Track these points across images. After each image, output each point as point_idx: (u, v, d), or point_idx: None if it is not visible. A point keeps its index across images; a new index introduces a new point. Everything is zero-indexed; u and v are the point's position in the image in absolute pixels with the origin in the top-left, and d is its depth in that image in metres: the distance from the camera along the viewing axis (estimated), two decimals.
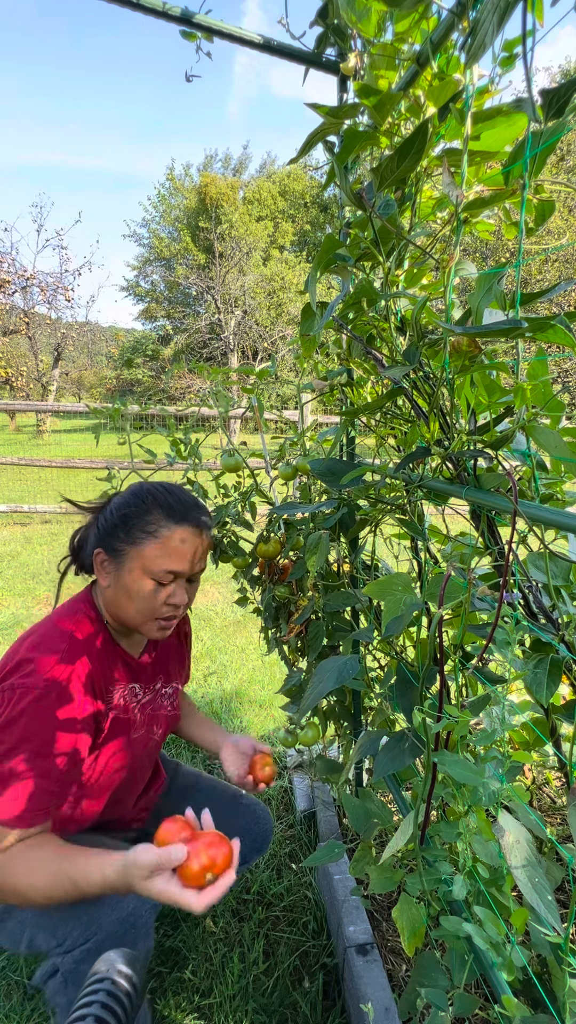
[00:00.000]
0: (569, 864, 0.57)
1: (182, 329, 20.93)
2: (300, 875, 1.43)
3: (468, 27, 0.66)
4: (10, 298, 15.16)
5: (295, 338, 1.06)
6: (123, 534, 0.94)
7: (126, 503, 0.96)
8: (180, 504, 0.97)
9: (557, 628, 0.74)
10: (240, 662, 2.71)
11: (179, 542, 0.94)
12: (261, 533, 1.28)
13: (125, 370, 21.65)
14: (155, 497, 0.96)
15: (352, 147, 0.78)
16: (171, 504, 0.96)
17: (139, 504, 0.95)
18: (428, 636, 0.71)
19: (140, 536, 0.93)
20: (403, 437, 0.88)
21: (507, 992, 0.62)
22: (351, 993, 1.06)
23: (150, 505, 0.95)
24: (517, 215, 0.70)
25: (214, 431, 1.41)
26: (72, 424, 17.76)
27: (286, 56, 1.01)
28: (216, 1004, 1.12)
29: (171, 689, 1.14)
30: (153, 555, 0.93)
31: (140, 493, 0.97)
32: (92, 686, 0.93)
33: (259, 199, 22.76)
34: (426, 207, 0.95)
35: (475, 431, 0.76)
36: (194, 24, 0.98)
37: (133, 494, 0.98)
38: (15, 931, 0.91)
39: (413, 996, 0.66)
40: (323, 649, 1.16)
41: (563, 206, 10.64)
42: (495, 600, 0.72)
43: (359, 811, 0.88)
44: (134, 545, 0.93)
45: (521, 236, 0.65)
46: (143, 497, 0.96)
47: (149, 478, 1.32)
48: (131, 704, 1.02)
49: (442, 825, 0.65)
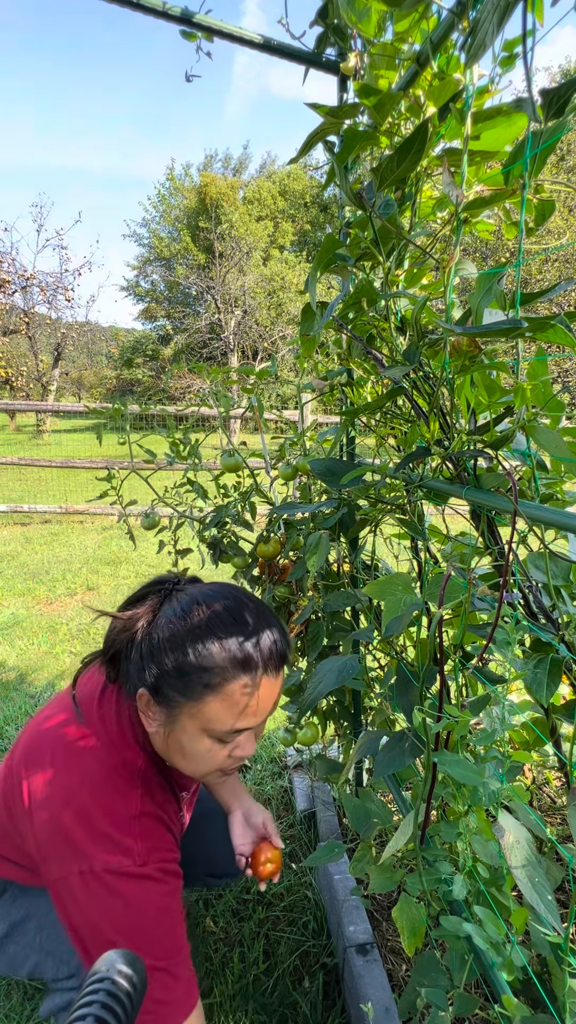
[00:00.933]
0: (569, 864, 0.57)
1: (182, 329, 20.93)
2: (300, 875, 1.43)
3: (468, 27, 0.66)
4: (10, 298, 15.17)
5: (295, 338, 1.06)
6: (176, 681, 0.72)
7: (180, 644, 0.73)
8: (255, 645, 0.74)
9: (557, 628, 0.74)
10: None
11: (251, 695, 0.73)
12: (261, 533, 1.28)
13: (125, 370, 21.65)
14: (218, 636, 0.73)
15: (352, 147, 0.78)
16: (243, 646, 0.73)
17: (198, 648, 0.72)
18: (428, 636, 0.71)
19: (199, 690, 0.71)
20: (403, 437, 0.88)
21: (507, 992, 0.62)
22: (351, 993, 1.06)
23: (215, 639, 0.73)
24: (517, 215, 0.70)
25: (214, 431, 1.41)
26: (72, 424, 17.76)
27: (286, 56, 1.01)
28: (216, 1004, 1.12)
29: (188, 793, 1.02)
30: (216, 714, 0.72)
31: (200, 630, 0.73)
32: (170, 829, 0.81)
33: (259, 199, 22.75)
34: (426, 207, 0.95)
35: (475, 431, 0.76)
36: (194, 24, 0.98)
37: (209, 631, 0.73)
38: (17, 956, 0.87)
39: (413, 996, 0.66)
40: (323, 649, 1.16)
41: (563, 206, 10.64)
42: (495, 600, 0.72)
43: (359, 811, 0.88)
44: (190, 700, 0.72)
45: (521, 236, 0.65)
46: (203, 638, 0.73)
47: (149, 478, 1.33)
48: (186, 815, 0.95)
49: (442, 825, 0.65)
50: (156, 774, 0.81)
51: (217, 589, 0.80)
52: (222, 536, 1.34)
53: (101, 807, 0.73)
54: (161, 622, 0.76)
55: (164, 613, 0.77)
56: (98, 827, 0.72)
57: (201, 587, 0.82)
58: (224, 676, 0.71)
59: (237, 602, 0.77)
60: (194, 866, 1.13)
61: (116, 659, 0.82)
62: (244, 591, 0.82)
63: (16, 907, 0.89)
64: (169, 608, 0.78)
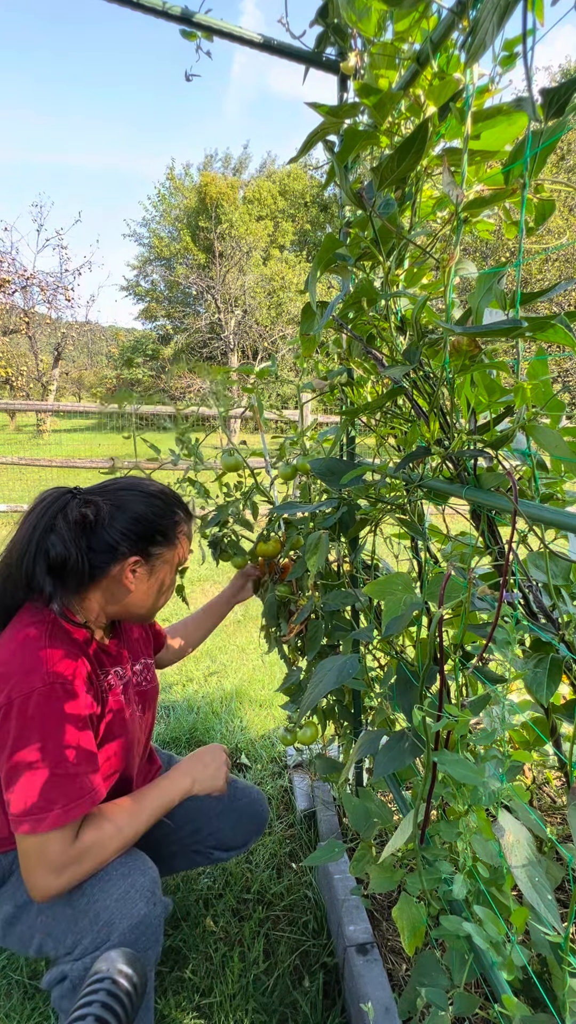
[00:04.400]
0: (569, 863, 0.57)
1: (182, 329, 20.94)
2: (300, 875, 1.43)
3: (468, 26, 0.66)
4: (10, 298, 15.17)
5: (295, 338, 1.07)
6: (161, 537, 0.98)
7: (156, 508, 0.98)
8: (176, 495, 1.05)
9: (557, 628, 0.74)
10: (240, 661, 2.71)
11: (190, 527, 1.05)
12: (261, 532, 1.28)
13: (125, 370, 21.64)
14: (167, 493, 1.03)
15: (352, 146, 0.78)
16: (177, 497, 1.04)
17: (166, 503, 1.00)
18: (428, 636, 0.71)
19: (175, 536, 1.01)
20: (403, 437, 0.88)
21: (507, 991, 0.62)
22: (351, 992, 1.06)
23: (172, 503, 1.01)
24: (517, 214, 0.70)
25: (214, 431, 1.41)
26: (72, 424, 17.75)
27: (286, 55, 1.01)
28: (216, 1003, 1.12)
29: (141, 666, 1.15)
30: (184, 550, 1.03)
31: (156, 493, 1.00)
32: (91, 681, 0.93)
33: (259, 198, 22.75)
34: (426, 206, 0.95)
35: (475, 431, 0.76)
36: (194, 23, 0.98)
37: (153, 495, 0.99)
38: (24, 935, 0.90)
39: (413, 995, 0.66)
40: (323, 648, 1.16)
41: (563, 205, 10.64)
42: (495, 600, 0.72)
43: (359, 810, 0.88)
44: (171, 546, 1.00)
45: (521, 235, 0.65)
46: (161, 496, 1.01)
47: (150, 475, 1.33)
48: (118, 689, 1.03)
49: (442, 824, 0.65)
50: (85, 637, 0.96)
51: (147, 482, 1.03)
52: (223, 535, 1.34)
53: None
54: (108, 517, 0.94)
55: (104, 512, 0.94)
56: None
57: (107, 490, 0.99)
58: (181, 520, 1.02)
59: (137, 480, 1.04)
60: (201, 841, 1.18)
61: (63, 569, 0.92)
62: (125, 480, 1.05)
63: (21, 889, 0.91)
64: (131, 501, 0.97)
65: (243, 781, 1.27)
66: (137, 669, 1.13)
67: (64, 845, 0.81)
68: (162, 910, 0.88)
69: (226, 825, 1.19)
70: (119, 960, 0.74)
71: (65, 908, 0.86)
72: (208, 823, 1.18)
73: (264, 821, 1.24)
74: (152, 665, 1.20)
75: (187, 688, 2.43)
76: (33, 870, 0.81)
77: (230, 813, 1.19)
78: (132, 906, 0.84)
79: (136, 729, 1.08)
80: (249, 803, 1.22)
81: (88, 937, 0.83)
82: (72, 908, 0.85)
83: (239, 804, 1.20)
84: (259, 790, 1.27)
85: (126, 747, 1.02)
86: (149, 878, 0.87)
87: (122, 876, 0.86)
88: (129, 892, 0.84)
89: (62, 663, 0.87)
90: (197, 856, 1.20)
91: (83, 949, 0.83)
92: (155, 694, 1.19)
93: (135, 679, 1.11)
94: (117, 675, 1.03)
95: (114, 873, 0.86)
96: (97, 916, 0.83)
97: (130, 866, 0.87)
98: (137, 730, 1.09)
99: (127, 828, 0.89)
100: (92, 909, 0.84)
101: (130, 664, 1.10)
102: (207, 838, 1.18)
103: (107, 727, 0.97)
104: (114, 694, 1.00)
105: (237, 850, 1.22)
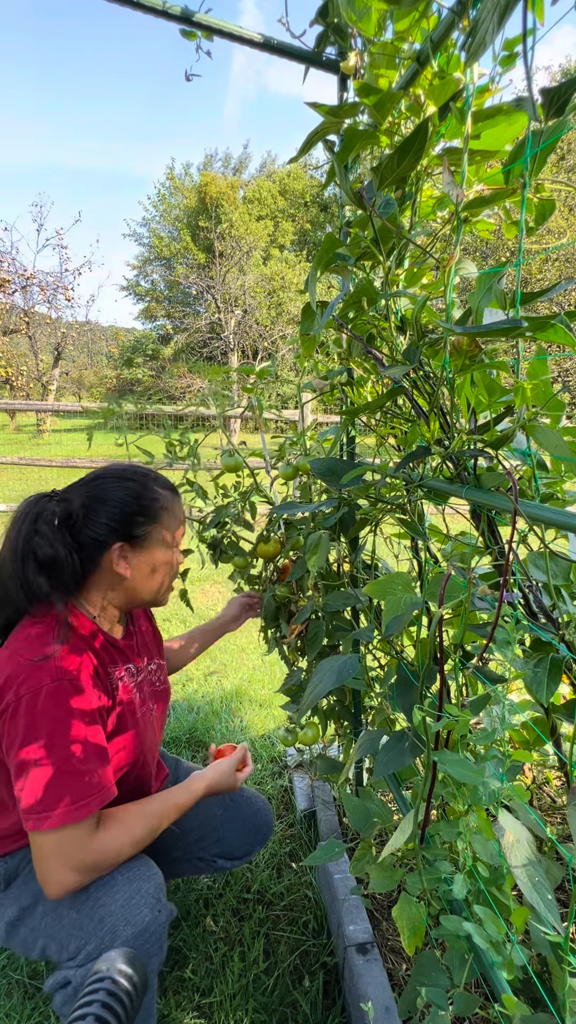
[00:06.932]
0: (569, 863, 0.57)
1: (182, 328, 20.92)
2: (300, 874, 1.43)
3: (468, 26, 0.65)
4: (10, 297, 15.16)
5: (295, 337, 1.07)
6: (142, 517, 0.96)
7: (130, 489, 0.97)
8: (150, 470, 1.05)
9: (557, 627, 0.74)
10: (240, 661, 2.71)
11: (175, 502, 1.03)
12: (261, 533, 1.28)
13: (125, 369, 21.62)
14: (139, 472, 1.02)
15: (352, 146, 0.78)
16: (152, 473, 1.04)
17: (140, 483, 0.98)
18: (428, 635, 0.71)
19: (157, 511, 0.98)
20: (403, 436, 0.88)
21: (507, 991, 0.62)
22: (351, 992, 1.06)
23: (147, 480, 1.00)
24: (517, 214, 0.70)
25: (214, 431, 1.41)
26: (72, 424, 17.74)
27: (287, 55, 1.01)
28: (216, 1003, 1.12)
29: (155, 665, 1.15)
30: (170, 524, 1.00)
31: (129, 474, 0.99)
32: (98, 675, 0.93)
33: (259, 198, 22.73)
34: (426, 206, 0.95)
35: (475, 430, 0.76)
36: (194, 23, 0.98)
37: (125, 478, 0.99)
38: (28, 939, 0.90)
39: (413, 995, 0.66)
40: (323, 648, 1.16)
41: (563, 205, 10.64)
42: (495, 600, 0.72)
43: (359, 810, 0.88)
44: (156, 522, 0.98)
45: (521, 235, 0.65)
46: (133, 477, 0.99)
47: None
48: (130, 685, 1.03)
49: (442, 824, 0.65)
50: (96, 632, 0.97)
51: (119, 465, 1.03)
52: (222, 536, 1.33)
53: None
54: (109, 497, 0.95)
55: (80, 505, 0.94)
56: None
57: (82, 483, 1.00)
58: (160, 494, 1.00)
59: (109, 465, 1.03)
60: (206, 848, 1.18)
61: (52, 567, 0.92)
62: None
63: (26, 892, 0.91)
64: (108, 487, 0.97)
65: (250, 789, 1.27)
66: (152, 668, 1.13)
67: (78, 842, 0.81)
68: (167, 917, 0.87)
69: (230, 834, 1.19)
70: (119, 959, 0.74)
71: (70, 912, 0.86)
72: (213, 831, 1.18)
73: (268, 831, 1.24)
74: (165, 667, 1.20)
75: (187, 688, 2.43)
76: (47, 866, 0.80)
77: (235, 822, 1.19)
78: (136, 912, 0.83)
79: (150, 726, 1.07)
80: (254, 813, 1.22)
81: (92, 943, 0.83)
82: (77, 912, 0.85)
83: (244, 814, 1.21)
84: (264, 800, 1.27)
85: (138, 740, 1.01)
86: (154, 884, 0.87)
87: (127, 881, 0.85)
88: (134, 898, 0.84)
89: (68, 658, 0.87)
90: (201, 863, 1.20)
91: (87, 955, 0.83)
92: (167, 696, 1.19)
93: (150, 677, 1.11)
94: (130, 672, 1.03)
95: (120, 878, 0.85)
96: (102, 921, 0.83)
97: (136, 871, 0.87)
98: (152, 728, 1.08)
99: (140, 829, 0.89)
100: (97, 914, 0.83)
101: (144, 662, 1.10)
102: (211, 846, 1.18)
103: (118, 718, 0.97)
104: (125, 687, 1.00)
105: (240, 860, 1.22)
